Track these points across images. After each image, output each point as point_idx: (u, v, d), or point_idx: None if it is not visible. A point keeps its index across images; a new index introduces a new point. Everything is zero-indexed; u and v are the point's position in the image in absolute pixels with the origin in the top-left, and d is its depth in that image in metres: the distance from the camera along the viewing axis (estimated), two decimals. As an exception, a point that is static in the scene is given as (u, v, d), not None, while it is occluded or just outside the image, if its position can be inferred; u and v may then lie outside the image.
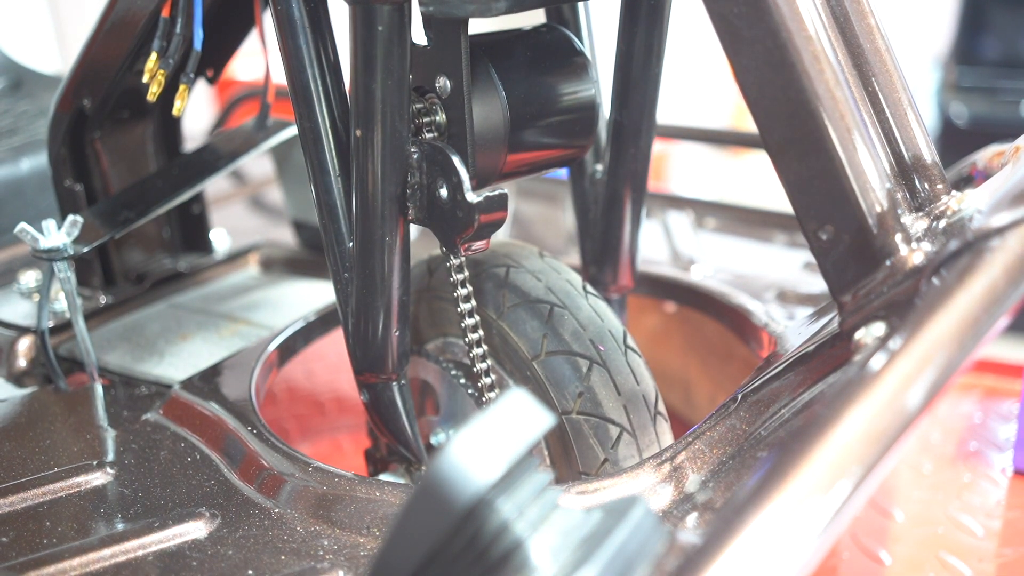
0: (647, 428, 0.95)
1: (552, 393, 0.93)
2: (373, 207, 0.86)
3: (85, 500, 0.91)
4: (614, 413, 0.92)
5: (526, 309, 0.96)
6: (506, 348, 0.97)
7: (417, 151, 0.85)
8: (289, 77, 0.89)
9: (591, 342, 0.94)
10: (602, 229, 1.11)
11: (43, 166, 1.53)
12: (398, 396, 0.97)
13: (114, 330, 1.28)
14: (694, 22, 1.25)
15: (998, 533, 1.02)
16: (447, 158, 0.83)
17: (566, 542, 0.56)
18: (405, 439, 0.99)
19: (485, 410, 0.53)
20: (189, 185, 1.23)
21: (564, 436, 0.93)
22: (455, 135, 0.86)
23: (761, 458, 0.82)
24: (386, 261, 0.88)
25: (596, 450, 0.92)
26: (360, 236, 0.88)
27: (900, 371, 0.60)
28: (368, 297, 0.90)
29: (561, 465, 0.96)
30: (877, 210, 0.76)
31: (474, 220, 0.82)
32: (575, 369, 0.93)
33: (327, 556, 0.81)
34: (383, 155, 0.83)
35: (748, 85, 0.76)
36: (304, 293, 1.39)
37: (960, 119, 4.03)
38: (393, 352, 0.94)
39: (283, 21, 0.86)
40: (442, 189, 0.84)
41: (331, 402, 1.56)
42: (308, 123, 0.89)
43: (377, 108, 0.81)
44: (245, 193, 1.96)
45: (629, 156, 1.05)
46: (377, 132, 0.82)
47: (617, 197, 1.08)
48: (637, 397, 0.95)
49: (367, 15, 0.78)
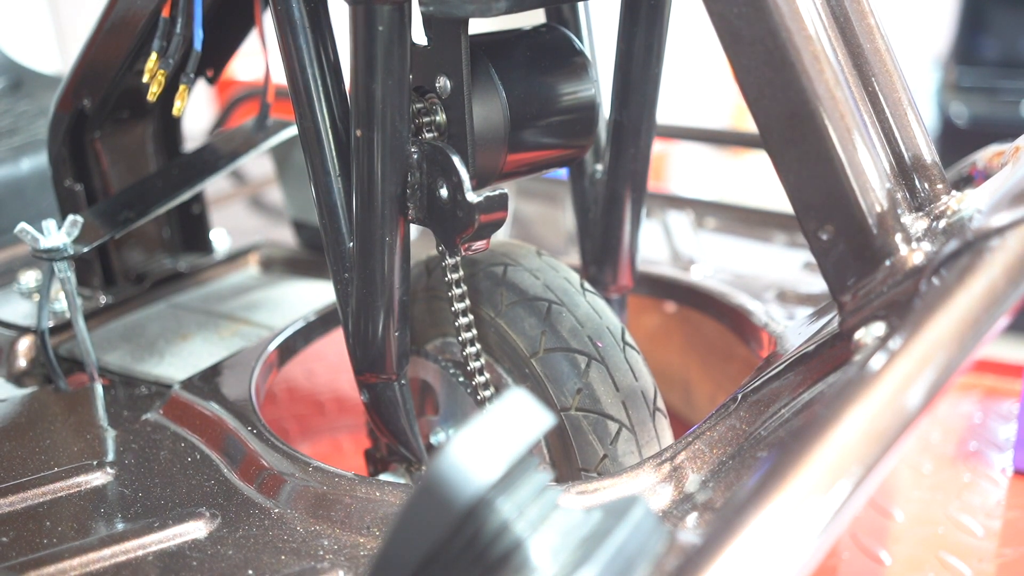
0: (646, 424, 0.95)
1: (551, 390, 0.93)
2: (373, 207, 0.86)
3: (85, 500, 0.91)
4: (613, 409, 0.93)
5: (524, 307, 0.96)
6: (504, 346, 0.97)
7: (417, 151, 0.85)
8: (289, 77, 0.89)
9: (589, 339, 0.94)
10: (602, 229, 1.11)
11: (43, 166, 1.53)
12: (399, 396, 0.97)
13: (114, 330, 1.28)
14: (694, 22, 1.25)
15: (998, 533, 1.02)
16: (447, 158, 0.83)
17: (566, 542, 0.56)
18: (405, 439, 0.99)
19: (485, 410, 0.53)
20: (189, 185, 1.23)
21: (563, 433, 0.93)
22: (455, 135, 0.86)
23: (761, 458, 0.82)
24: (386, 261, 0.88)
25: (595, 446, 0.92)
26: (360, 236, 0.88)
27: (900, 371, 0.60)
28: (368, 297, 0.90)
29: (561, 462, 0.96)
30: (877, 210, 0.76)
31: (474, 220, 0.82)
32: (573, 366, 0.93)
33: (327, 556, 0.81)
34: (383, 155, 0.83)
35: (748, 85, 0.76)
36: (304, 293, 1.39)
37: (960, 119, 4.03)
38: (393, 352, 0.94)
39: (283, 21, 0.86)
40: (442, 189, 0.84)
41: (331, 402, 1.56)
42: (308, 123, 0.89)
43: (377, 108, 0.81)
44: (245, 193, 1.96)
45: (629, 156, 1.05)
46: (377, 132, 0.82)
47: (617, 197, 1.08)
48: (636, 393, 0.95)
49: (368, 15, 0.78)
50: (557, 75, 0.91)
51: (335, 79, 0.89)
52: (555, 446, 0.96)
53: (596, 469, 0.92)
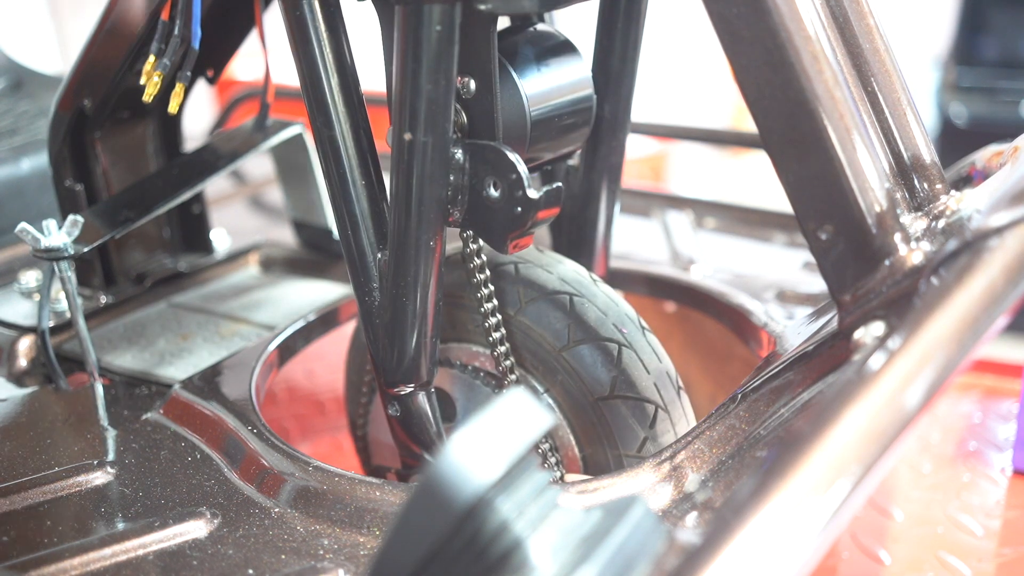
0: (675, 403, 0.97)
1: (586, 380, 0.94)
2: (417, 212, 0.84)
3: (86, 499, 0.91)
4: (648, 392, 0.94)
5: (546, 302, 0.96)
6: (528, 343, 0.97)
7: (460, 152, 0.84)
8: (305, 86, 0.87)
9: (615, 326, 0.95)
10: (579, 223, 1.12)
11: (43, 166, 1.53)
12: (430, 404, 0.97)
13: (114, 330, 1.28)
14: (694, 22, 1.25)
15: (997, 533, 1.02)
16: (502, 155, 0.82)
17: (566, 541, 0.56)
18: (436, 448, 0.99)
19: (485, 410, 0.54)
20: (189, 185, 1.23)
21: (602, 421, 0.94)
22: (477, 137, 0.86)
23: (760, 457, 0.83)
24: (424, 267, 0.87)
25: (636, 430, 0.93)
26: (398, 243, 0.86)
27: (899, 370, 0.60)
28: (406, 305, 0.89)
29: (596, 451, 0.96)
30: (876, 210, 0.76)
31: (532, 216, 0.82)
32: (606, 354, 0.94)
33: (327, 555, 0.82)
34: (432, 158, 0.82)
35: (748, 85, 0.76)
36: (304, 293, 1.39)
37: (960, 119, 4.03)
38: (429, 359, 0.93)
39: (298, 28, 0.84)
40: (491, 188, 0.83)
41: (331, 402, 1.56)
42: (330, 133, 0.87)
43: (428, 111, 0.80)
44: (245, 193, 1.96)
45: (607, 149, 1.06)
46: (427, 135, 0.81)
47: (594, 190, 1.09)
48: (663, 374, 0.97)
49: (417, 16, 0.77)
50: (562, 72, 0.92)
51: (355, 85, 0.88)
52: (587, 435, 0.97)
53: (639, 451, 0.94)
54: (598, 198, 1.09)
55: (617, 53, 1.01)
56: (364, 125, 0.89)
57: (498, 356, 0.95)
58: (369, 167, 0.89)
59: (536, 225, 0.83)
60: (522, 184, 0.81)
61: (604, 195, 1.09)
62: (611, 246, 1.15)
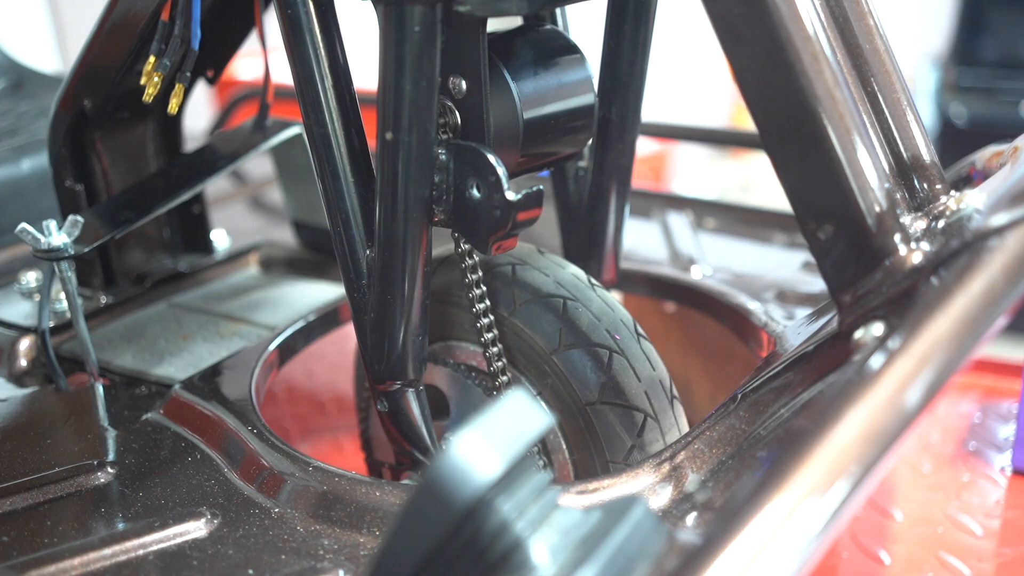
0: (667, 412, 0.96)
1: (575, 385, 0.94)
2: (400, 211, 0.84)
3: (86, 500, 0.91)
4: (637, 400, 0.94)
5: (539, 304, 0.96)
6: (520, 345, 0.97)
7: (445, 152, 0.84)
8: (299, 84, 0.87)
9: (607, 332, 0.95)
10: (588, 225, 1.11)
11: (43, 166, 1.53)
12: (418, 401, 0.97)
13: (115, 330, 1.28)
14: (694, 22, 1.25)
15: (997, 533, 1.02)
16: (482, 157, 0.81)
17: (566, 542, 0.56)
18: (424, 445, 0.99)
19: (484, 410, 0.54)
20: (189, 185, 1.23)
21: (589, 427, 0.94)
22: (470, 137, 0.86)
23: (760, 458, 0.83)
24: (410, 266, 0.87)
25: (623, 437, 0.93)
26: (384, 241, 0.87)
27: (899, 371, 0.60)
28: (392, 303, 0.89)
29: (585, 457, 0.96)
30: (876, 210, 0.76)
31: (512, 218, 0.82)
32: (595, 360, 0.94)
33: (327, 555, 0.82)
34: (413, 158, 0.82)
35: (748, 85, 0.76)
36: (304, 293, 1.39)
37: (959, 119, 4.04)
38: (416, 356, 0.93)
39: (291, 26, 0.85)
40: (473, 189, 0.83)
41: (331, 402, 1.56)
42: (321, 130, 0.87)
43: (409, 110, 0.80)
44: (245, 193, 1.96)
45: (616, 152, 1.06)
46: (408, 135, 0.81)
47: (603, 192, 1.09)
48: (655, 383, 0.96)
49: (400, 16, 0.77)
50: (560, 72, 0.92)
51: (347, 83, 0.88)
52: (577, 442, 0.96)
53: (625, 459, 0.93)
54: (607, 200, 1.09)
55: (625, 55, 1.01)
56: (356, 123, 0.89)
57: (490, 356, 0.95)
58: (360, 165, 0.89)
59: (518, 227, 0.83)
60: (500, 186, 0.81)
61: (614, 197, 1.09)
62: (621, 247, 1.14)
